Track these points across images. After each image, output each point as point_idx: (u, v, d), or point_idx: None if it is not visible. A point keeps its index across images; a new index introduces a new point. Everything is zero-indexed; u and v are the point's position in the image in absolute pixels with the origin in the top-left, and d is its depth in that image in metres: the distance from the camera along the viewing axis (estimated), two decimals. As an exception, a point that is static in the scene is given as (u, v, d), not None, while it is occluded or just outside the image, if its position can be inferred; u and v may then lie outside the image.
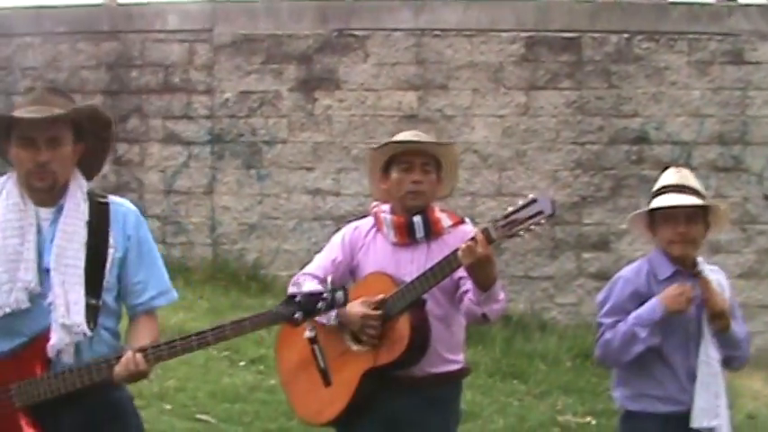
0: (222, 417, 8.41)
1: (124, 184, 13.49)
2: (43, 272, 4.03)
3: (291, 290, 5.00)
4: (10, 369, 4.01)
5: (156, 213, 13.40)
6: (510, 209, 4.56)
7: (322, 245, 5.41)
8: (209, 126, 13.39)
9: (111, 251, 4.16)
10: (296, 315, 4.05)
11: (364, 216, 5.33)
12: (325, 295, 4.08)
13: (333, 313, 4.62)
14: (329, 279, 4.41)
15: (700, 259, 4.96)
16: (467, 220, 5.22)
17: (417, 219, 4.99)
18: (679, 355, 4.85)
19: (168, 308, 4.48)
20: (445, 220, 5.07)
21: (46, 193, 4.09)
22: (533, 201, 4.52)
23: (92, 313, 4.07)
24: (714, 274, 4.99)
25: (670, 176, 5.01)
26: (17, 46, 14.31)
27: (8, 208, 4.07)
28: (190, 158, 13.34)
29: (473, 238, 4.53)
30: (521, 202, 4.54)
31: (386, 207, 5.14)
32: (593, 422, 8.73)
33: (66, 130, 4.06)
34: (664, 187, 4.94)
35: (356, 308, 4.82)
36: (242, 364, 9.87)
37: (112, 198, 4.30)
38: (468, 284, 4.75)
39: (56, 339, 3.97)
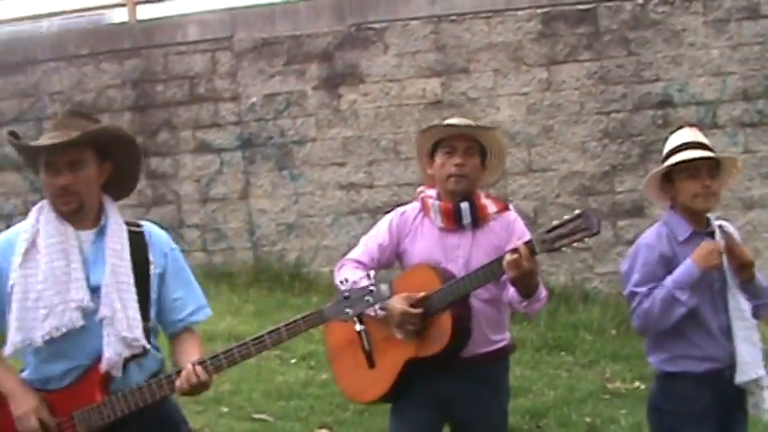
0: (278, 414, 8.49)
1: (160, 197, 13.65)
2: (90, 291, 4.10)
3: (336, 275, 5.18)
4: (70, 399, 4.09)
5: (194, 222, 13.57)
6: (555, 223, 4.60)
7: (361, 238, 5.46)
8: (238, 132, 13.50)
9: (152, 267, 4.27)
10: (346, 311, 4.21)
11: (407, 202, 5.37)
12: (371, 289, 4.21)
13: (377, 306, 4.67)
14: (372, 274, 4.51)
15: (711, 216, 5.02)
16: (511, 206, 5.28)
17: (464, 205, 5.05)
18: (709, 313, 4.87)
19: (216, 313, 4.59)
20: (491, 207, 5.14)
21: (75, 215, 4.16)
22: (579, 216, 4.54)
23: (146, 332, 4.21)
24: (728, 228, 5.03)
25: (685, 134, 5.05)
26: (42, 72, 14.47)
27: (49, 232, 4.12)
28: (222, 165, 13.45)
29: (517, 251, 4.58)
30: (566, 217, 4.58)
31: (432, 192, 5.20)
32: (642, 386, 8.74)
33: (87, 152, 4.13)
34: (682, 145, 4.96)
35: (397, 303, 4.88)
36: (293, 361, 9.94)
37: (146, 224, 4.41)
38: None
39: (111, 353, 4.05)
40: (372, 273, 4.53)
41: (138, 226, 4.35)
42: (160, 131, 13.73)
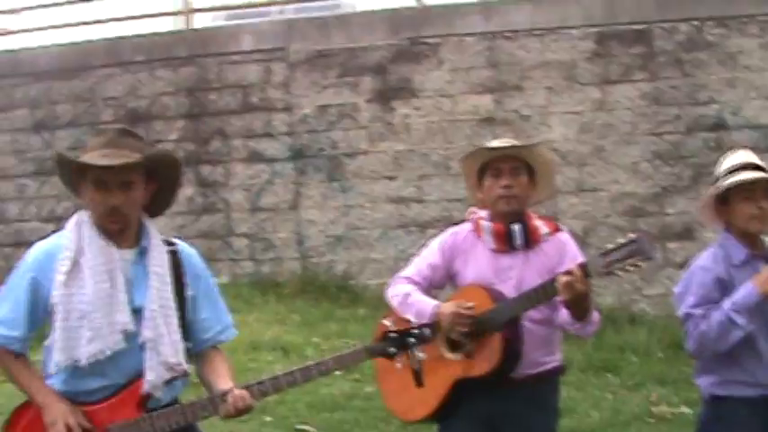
0: (322, 426, 8.50)
1: (210, 205, 13.72)
2: (132, 313, 4.12)
3: (388, 292, 5.23)
4: (107, 412, 4.10)
5: (243, 231, 13.62)
6: (610, 246, 4.58)
7: (409, 252, 5.49)
8: (290, 142, 13.55)
9: (187, 290, 4.29)
10: (390, 350, 4.31)
11: (460, 221, 5.35)
12: (415, 330, 4.30)
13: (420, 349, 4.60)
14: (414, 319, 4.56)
15: (766, 238, 4.95)
16: (563, 228, 5.26)
17: (516, 227, 5.02)
18: (762, 339, 4.81)
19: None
20: (543, 228, 5.10)
21: (119, 235, 4.17)
22: (634, 241, 4.51)
23: (187, 354, 4.25)
24: None
25: (740, 156, 5.01)
26: (98, 77, 14.62)
27: (93, 252, 4.11)
28: (273, 175, 13.50)
29: (571, 273, 4.58)
30: (621, 241, 4.56)
31: (484, 213, 5.15)
32: (688, 411, 8.67)
33: (137, 173, 4.13)
34: (737, 166, 4.91)
35: (449, 307, 4.90)
36: (338, 373, 9.96)
37: (178, 242, 4.41)
38: None
39: (153, 376, 4.08)
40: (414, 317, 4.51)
41: (172, 244, 4.36)
42: (212, 140, 13.82)
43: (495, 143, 5.22)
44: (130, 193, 4.12)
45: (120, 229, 4.16)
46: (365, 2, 14.24)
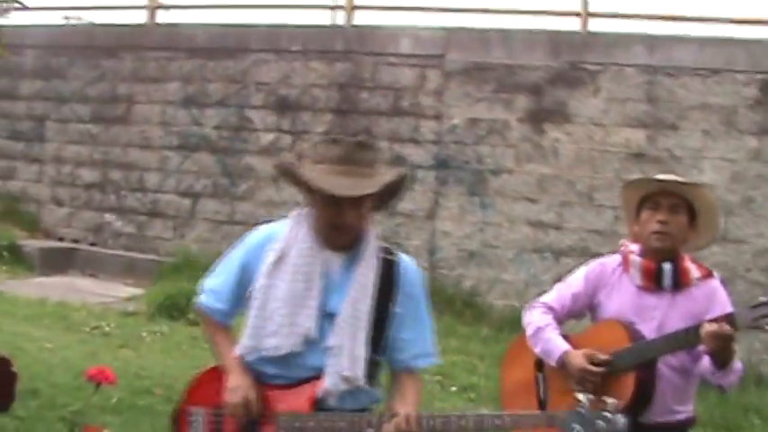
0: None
1: (348, 201, 13.71)
2: (324, 316, 4.07)
3: (525, 316, 5.11)
4: (280, 399, 4.10)
5: (377, 234, 13.56)
6: (762, 299, 4.45)
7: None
8: (435, 151, 13.50)
9: (394, 305, 4.18)
10: (575, 427, 4.06)
11: (611, 253, 5.18)
12: (606, 415, 4.04)
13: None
14: (612, 404, 4.36)
15: None
16: (716, 274, 5.04)
17: (667, 266, 4.84)
18: None
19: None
20: (694, 272, 4.89)
21: (345, 249, 4.13)
22: None
23: (373, 368, 4.15)
24: None
25: None
26: (252, 61, 14.77)
27: (300, 251, 4.10)
28: (414, 182, 13.44)
29: (718, 322, 4.44)
30: None
31: (635, 248, 5.00)
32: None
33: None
34: None
35: (578, 359, 4.77)
36: (453, 389, 9.87)
37: (401, 255, 4.31)
38: None
39: (329, 384, 4.03)
40: (613, 402, 4.33)
41: (392, 255, 4.28)
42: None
43: (660, 175, 5.07)
44: (361, 210, 4.07)
45: (348, 243, 4.14)
46: (527, 20, 14.05)
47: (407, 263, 4.31)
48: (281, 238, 4.16)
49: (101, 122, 15.90)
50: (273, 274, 4.11)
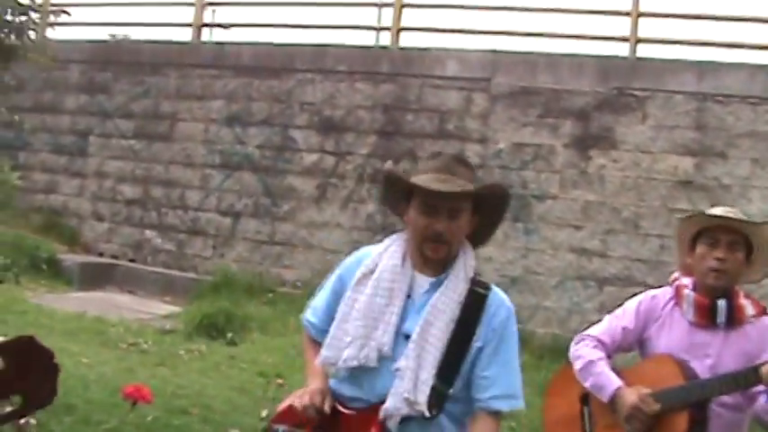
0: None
1: (390, 225, 13.57)
2: (399, 336, 4.02)
3: (573, 349, 5.00)
4: (353, 422, 4.06)
5: (418, 257, 13.49)
6: None
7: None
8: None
9: (474, 339, 4.05)
10: None
11: (659, 285, 5.10)
12: None
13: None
14: None
15: None
16: None
17: (722, 303, 4.71)
18: None
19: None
20: (749, 309, 4.76)
21: (434, 262, 4.07)
22: None
23: (439, 398, 4.00)
24: None
25: None
26: (297, 81, 14.75)
27: (386, 267, 4.09)
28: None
29: None
30: None
31: (688, 281, 4.88)
32: None
33: (467, 203, 4.01)
34: None
35: (630, 396, 4.66)
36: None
37: (494, 289, 4.18)
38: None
39: (390, 405, 3.94)
40: None
41: (487, 288, 4.14)
42: (402, 160, 13.71)
43: (717, 211, 4.91)
44: (457, 221, 4.00)
45: (441, 260, 4.05)
46: (574, 44, 13.97)
47: (500, 299, 4.15)
48: (372, 256, 4.18)
49: (143, 139, 15.92)
50: (358, 288, 4.11)
